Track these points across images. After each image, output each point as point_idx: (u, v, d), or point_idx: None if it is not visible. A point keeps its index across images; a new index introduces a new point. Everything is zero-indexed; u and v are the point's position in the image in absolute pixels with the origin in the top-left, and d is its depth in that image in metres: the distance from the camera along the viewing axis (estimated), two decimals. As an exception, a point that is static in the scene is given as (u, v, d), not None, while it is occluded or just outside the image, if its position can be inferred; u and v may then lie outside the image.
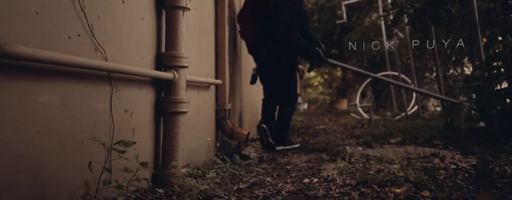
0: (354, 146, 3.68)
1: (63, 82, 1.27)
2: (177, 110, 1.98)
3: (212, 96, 3.14)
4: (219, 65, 3.27)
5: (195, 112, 2.66)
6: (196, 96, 2.68)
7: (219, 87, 3.26)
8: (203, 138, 2.81)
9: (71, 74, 1.30)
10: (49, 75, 1.21)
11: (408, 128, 4.54)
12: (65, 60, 1.19)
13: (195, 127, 2.65)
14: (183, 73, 2.03)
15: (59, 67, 1.23)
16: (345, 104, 15.03)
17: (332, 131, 5.43)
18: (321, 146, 3.73)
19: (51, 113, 1.21)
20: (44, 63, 1.14)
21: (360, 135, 4.48)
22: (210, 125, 3.06)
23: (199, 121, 2.75)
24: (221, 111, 3.26)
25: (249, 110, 4.85)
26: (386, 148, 3.52)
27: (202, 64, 2.84)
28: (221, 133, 3.32)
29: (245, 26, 3.63)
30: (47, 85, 1.20)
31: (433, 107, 6.60)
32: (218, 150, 3.33)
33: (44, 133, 1.18)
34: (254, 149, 3.92)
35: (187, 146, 2.47)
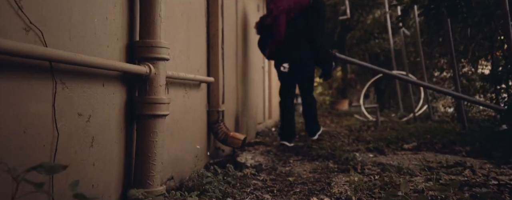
0: (364, 153, 3.28)
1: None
2: (154, 112, 1.58)
3: (203, 96, 2.74)
4: (212, 61, 2.87)
5: (182, 115, 2.26)
6: (182, 96, 2.28)
7: (211, 85, 2.86)
8: (191, 145, 2.41)
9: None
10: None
11: (421, 131, 4.14)
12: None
13: (182, 132, 2.25)
14: (162, 67, 1.63)
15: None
16: (346, 105, 14.63)
17: (336, 134, 5.03)
18: (327, 152, 3.33)
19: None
20: None
21: (369, 139, 4.08)
22: (200, 130, 2.66)
23: (187, 125, 2.35)
24: (214, 113, 2.86)
25: (246, 112, 4.45)
26: (400, 155, 3.12)
27: (190, 59, 2.44)
28: (214, 138, 2.92)
29: (279, 26, 3.85)
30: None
31: (443, 108, 6.21)
32: (210, 157, 2.93)
33: None
34: (251, 155, 3.53)
35: (171, 155, 2.07)
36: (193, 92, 2.50)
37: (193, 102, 2.50)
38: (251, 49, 4.94)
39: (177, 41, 2.18)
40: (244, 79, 4.41)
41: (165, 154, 2.00)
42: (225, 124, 2.94)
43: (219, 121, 2.87)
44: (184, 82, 2.30)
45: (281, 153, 3.62)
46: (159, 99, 1.59)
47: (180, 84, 2.23)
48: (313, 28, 3.78)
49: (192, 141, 2.44)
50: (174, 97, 2.14)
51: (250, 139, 4.60)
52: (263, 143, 4.33)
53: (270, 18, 3.92)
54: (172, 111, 2.10)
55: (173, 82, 2.11)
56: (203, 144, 2.71)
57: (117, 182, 1.49)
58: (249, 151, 3.82)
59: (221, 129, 2.86)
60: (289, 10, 3.83)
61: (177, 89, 2.18)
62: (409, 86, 6.04)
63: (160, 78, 1.61)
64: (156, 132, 1.58)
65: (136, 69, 1.48)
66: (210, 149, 2.90)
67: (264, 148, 3.99)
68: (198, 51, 2.63)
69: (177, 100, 2.18)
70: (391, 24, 7.04)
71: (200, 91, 2.68)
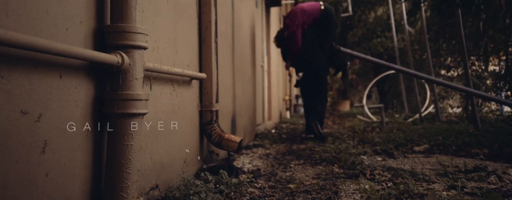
0: (372, 156, 3.02)
1: None
2: (129, 111, 1.31)
3: (194, 94, 2.48)
4: (204, 55, 2.60)
5: (169, 115, 2.00)
6: (169, 93, 2.02)
7: (204, 83, 2.60)
8: (180, 149, 2.15)
9: None
10: None
11: (431, 132, 3.88)
12: None
13: (168, 134, 1.99)
14: (139, 57, 1.36)
15: None
16: (347, 105, 14.37)
17: (339, 135, 4.76)
18: (331, 155, 3.07)
19: None
20: None
21: (376, 141, 3.81)
22: (191, 131, 2.39)
23: (175, 126, 2.08)
24: (207, 113, 2.60)
25: (244, 112, 4.19)
26: (411, 158, 2.85)
27: (179, 52, 2.17)
28: (207, 141, 2.65)
29: (297, 40, 4.33)
30: None
31: (450, 108, 5.94)
32: (203, 162, 2.66)
33: None
34: (249, 159, 3.26)
35: (156, 161, 1.81)
36: (182, 89, 2.23)
37: (183, 100, 2.24)
38: (249, 47, 4.68)
39: (162, 31, 1.92)
40: (242, 77, 4.15)
41: (148, 159, 1.73)
42: (220, 126, 2.68)
43: (213, 122, 2.60)
44: (171, 78, 2.04)
45: (282, 156, 3.36)
46: (135, 94, 1.33)
47: (166, 79, 1.97)
48: (326, 36, 4.34)
49: (181, 144, 2.17)
50: (159, 94, 1.87)
51: (249, 142, 4.34)
52: (262, 146, 4.07)
53: (288, 32, 4.42)
54: (156, 110, 1.84)
55: (157, 77, 1.85)
56: (194, 147, 2.44)
57: (81, 196, 1.22)
58: (247, 154, 3.56)
59: (215, 131, 2.60)
60: (303, 23, 4.32)
61: (163, 85, 1.92)
62: (415, 85, 5.78)
63: (136, 70, 1.34)
64: (131, 134, 1.32)
65: (104, 58, 1.21)
66: (202, 153, 2.64)
67: (263, 151, 3.73)
68: (188, 44, 2.37)
69: (162, 98, 1.91)
70: (394, 22, 6.79)
71: (191, 89, 2.42)
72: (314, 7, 4.39)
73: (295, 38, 4.33)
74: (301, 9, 4.39)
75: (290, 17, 4.40)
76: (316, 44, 4.37)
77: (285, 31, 4.47)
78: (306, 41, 4.34)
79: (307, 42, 4.34)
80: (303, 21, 4.32)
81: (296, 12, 4.40)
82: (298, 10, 4.41)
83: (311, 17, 4.33)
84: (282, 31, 4.59)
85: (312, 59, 4.37)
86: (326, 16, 4.33)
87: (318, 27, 4.39)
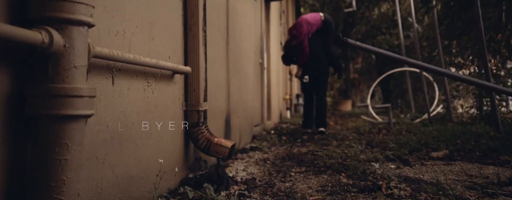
0: (384, 162, 2.63)
1: None
2: (63, 112, 0.93)
3: (177, 91, 2.10)
4: (190, 46, 2.22)
5: (141, 116, 1.62)
6: (142, 90, 1.64)
7: (189, 78, 2.21)
8: (157, 157, 1.77)
9: None
10: None
11: (446, 135, 3.49)
12: None
13: (140, 140, 1.61)
14: (79, 37, 0.98)
15: None
16: (349, 105, 13.98)
17: (343, 137, 4.38)
18: (337, 161, 2.68)
19: None
20: None
21: (385, 145, 3.43)
22: (172, 135, 2.01)
23: (150, 130, 1.70)
24: (193, 113, 2.21)
25: (240, 112, 3.81)
26: (430, 166, 2.47)
27: (156, 40, 1.79)
28: (194, 146, 2.27)
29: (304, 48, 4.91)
30: None
31: (460, 108, 5.55)
32: (189, 171, 2.28)
33: None
34: (244, 165, 2.88)
35: (120, 175, 1.43)
36: (161, 85, 1.85)
37: (162, 98, 1.86)
38: (247, 42, 4.30)
39: (131, 10, 1.54)
40: (238, 74, 3.77)
41: (108, 173, 1.35)
42: (208, 128, 2.29)
43: (200, 124, 2.22)
44: (145, 70, 1.66)
45: (281, 161, 2.98)
46: (72, 89, 0.95)
47: (137, 72, 1.59)
48: (327, 42, 4.99)
49: (158, 152, 1.79)
50: (126, 90, 1.49)
51: (245, 144, 3.96)
52: (260, 149, 3.69)
53: (296, 41, 4.92)
54: (121, 110, 1.46)
55: (123, 69, 1.46)
56: (176, 154, 2.06)
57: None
58: (242, 159, 3.18)
59: (202, 135, 2.21)
60: (309, 33, 4.90)
61: (131, 79, 1.54)
62: (423, 84, 5.40)
63: (74, 54, 0.96)
64: (65, 146, 0.94)
65: (20, 36, 0.83)
66: (188, 160, 2.26)
67: (260, 155, 3.35)
68: (170, 32, 1.98)
69: (131, 95, 1.53)
70: (400, 18, 6.39)
71: (173, 85, 2.03)
72: (316, 17, 4.99)
73: (303, 46, 4.90)
74: (306, 21, 4.93)
75: (296, 28, 4.92)
76: (319, 50, 4.99)
77: (293, 40, 4.98)
78: (311, 48, 4.96)
79: (312, 49, 4.96)
80: (308, 30, 4.88)
81: (301, 23, 4.92)
82: (303, 21, 4.93)
83: (314, 27, 4.92)
84: (290, 41, 5.10)
85: (316, 64, 4.99)
86: (326, 25, 4.98)
87: (320, 35, 5.02)
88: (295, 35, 4.91)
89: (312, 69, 5.02)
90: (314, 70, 5.02)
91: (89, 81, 1.24)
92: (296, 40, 4.93)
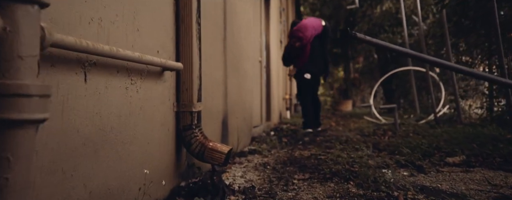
0: (395, 169, 2.41)
1: None
2: (4, 116, 0.71)
3: (167, 90, 1.87)
4: (182, 40, 1.99)
5: (122, 118, 1.39)
6: (124, 88, 1.41)
7: (182, 75, 1.99)
8: (142, 166, 1.54)
9: None
10: None
11: (459, 138, 3.27)
12: None
13: (121, 147, 1.38)
14: (28, 19, 0.75)
15: None
16: (349, 105, 13.76)
17: (347, 139, 4.16)
18: (344, 167, 2.46)
19: None
20: None
21: (393, 148, 3.21)
22: (162, 140, 1.78)
23: (133, 135, 1.48)
24: (185, 115, 1.99)
25: (238, 113, 3.58)
26: (447, 174, 2.25)
27: (142, 32, 1.57)
28: (186, 151, 2.04)
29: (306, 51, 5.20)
30: None
31: (468, 108, 5.33)
32: (181, 179, 2.06)
33: None
34: (242, 170, 2.66)
35: (95, 189, 1.20)
36: (148, 83, 1.62)
37: (149, 98, 1.63)
38: (246, 39, 4.08)
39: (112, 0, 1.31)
40: (236, 72, 3.54)
41: (79, 188, 1.13)
42: (203, 131, 2.07)
43: (193, 127, 1.99)
44: (127, 66, 1.43)
45: (282, 166, 2.76)
46: (16, 86, 0.72)
47: (117, 68, 1.36)
48: (325, 47, 5.37)
49: (144, 159, 1.57)
50: (103, 89, 1.27)
51: (244, 147, 3.73)
52: (259, 152, 3.47)
53: (300, 43, 5.13)
54: (97, 112, 1.23)
55: (100, 64, 1.24)
56: (166, 161, 1.83)
57: None
58: (240, 163, 2.95)
59: (195, 138, 1.99)
60: (311, 37, 5.15)
61: (111, 76, 1.31)
62: (430, 84, 5.17)
63: (20, 41, 0.73)
64: (6, 160, 0.71)
65: None
66: (179, 167, 2.03)
67: (259, 159, 3.13)
68: (159, 23, 1.76)
69: (110, 95, 1.31)
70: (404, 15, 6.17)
71: (163, 83, 1.81)
72: (318, 23, 5.27)
73: (306, 49, 5.19)
74: (311, 25, 5.18)
75: (301, 30, 5.12)
76: (318, 53, 5.29)
77: (297, 42, 5.16)
78: (313, 51, 5.25)
79: (313, 51, 5.26)
80: (312, 35, 5.16)
81: (307, 27, 5.14)
82: (308, 25, 5.17)
83: (315, 32, 5.21)
84: (294, 42, 5.22)
85: (315, 65, 5.29)
86: (325, 32, 5.30)
87: (319, 40, 5.30)
88: (301, 37, 5.12)
89: (310, 69, 5.28)
90: (312, 70, 5.29)
91: (53, 77, 1.01)
92: (301, 42, 5.14)
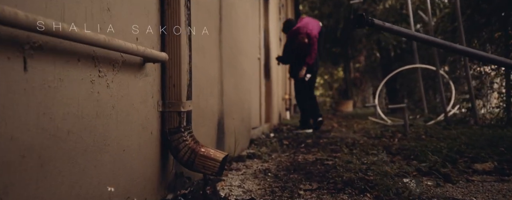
0: (416, 176, 2.10)
1: None
2: None
3: (150, 87, 1.55)
4: (169, 27, 1.68)
5: (84, 121, 1.07)
6: (88, 81, 1.10)
7: (168, 69, 1.67)
8: (112, 180, 1.22)
9: None
10: None
11: (480, 140, 2.95)
12: None
13: (83, 157, 1.06)
14: None
15: None
16: (350, 106, 13.45)
17: (354, 142, 3.85)
18: (356, 175, 2.14)
19: None
20: None
21: (408, 151, 2.89)
22: (142, 146, 1.46)
23: (103, 140, 1.16)
24: (173, 116, 1.67)
25: (236, 113, 3.27)
26: (480, 184, 1.93)
27: (114, 13, 1.25)
28: (174, 158, 1.72)
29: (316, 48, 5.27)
30: None
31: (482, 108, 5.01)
32: (167, 190, 1.74)
33: None
34: (240, 178, 2.35)
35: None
36: (123, 77, 1.31)
37: (124, 95, 1.31)
38: (244, 34, 3.77)
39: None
40: (234, 69, 3.23)
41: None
42: (193, 135, 1.75)
43: (182, 130, 1.68)
44: (94, 54, 1.12)
45: (285, 174, 2.44)
46: None
47: (78, 55, 1.04)
48: (321, 46, 5.58)
49: (117, 170, 1.25)
50: (56, 81, 0.95)
51: (241, 150, 3.42)
52: (259, 156, 3.15)
53: (309, 40, 5.20)
54: (44, 113, 0.91)
55: (48, 47, 0.92)
56: (147, 171, 1.52)
57: None
58: (238, 170, 2.64)
59: (184, 143, 1.67)
60: (317, 34, 5.29)
61: (68, 65, 0.99)
62: (441, 82, 4.87)
63: None
64: None
65: None
66: (166, 177, 1.71)
67: (259, 165, 2.81)
68: (137, 4, 1.44)
69: (66, 90, 0.99)
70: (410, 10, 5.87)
71: (144, 77, 1.49)
72: (317, 23, 5.45)
73: (315, 46, 5.25)
74: (311, 24, 5.31)
75: (309, 29, 5.20)
76: (317, 52, 5.39)
77: (306, 38, 5.20)
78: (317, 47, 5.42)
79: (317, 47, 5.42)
80: (317, 32, 5.30)
81: (314, 25, 5.30)
82: (315, 23, 5.37)
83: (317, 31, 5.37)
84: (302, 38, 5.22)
85: (316, 63, 5.48)
86: (321, 33, 5.47)
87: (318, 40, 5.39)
88: (309, 33, 5.18)
89: (311, 69, 5.38)
90: (313, 70, 5.42)
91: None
92: (310, 38, 5.18)
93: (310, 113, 5.47)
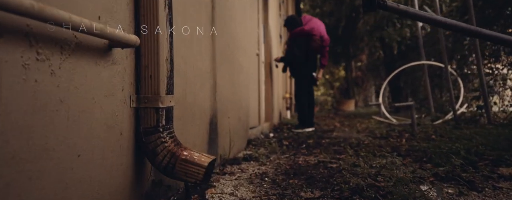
0: (434, 182, 1.82)
1: None
2: None
3: (120, 77, 1.28)
4: (143, 6, 1.40)
5: (10, 119, 0.80)
6: (20, 66, 0.82)
7: (143, 56, 1.40)
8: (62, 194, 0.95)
9: None
10: None
11: (499, 141, 2.68)
12: None
13: (16, 168, 0.79)
14: None
15: None
16: (352, 105, 13.17)
17: (359, 142, 3.58)
18: (365, 182, 1.87)
19: None
20: None
21: (419, 153, 2.62)
22: (107, 149, 1.19)
23: (43, 144, 0.89)
24: (149, 113, 1.40)
25: (231, 112, 3.00)
26: (508, 192, 1.66)
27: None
28: (151, 164, 1.45)
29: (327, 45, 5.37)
30: None
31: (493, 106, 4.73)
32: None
33: None
34: (233, 184, 2.08)
35: None
36: (77, 63, 1.03)
37: (78, 86, 1.04)
38: (242, 27, 3.49)
39: None
40: (229, 64, 2.96)
41: None
42: (175, 135, 1.48)
43: (160, 130, 1.40)
44: (28, 29, 0.84)
45: (284, 178, 2.17)
46: None
47: (3, 29, 0.77)
48: None
49: (67, 183, 0.98)
50: None
51: (238, 152, 3.15)
52: (256, 159, 2.88)
53: (321, 42, 5.24)
54: None
55: None
56: (116, 181, 1.24)
57: None
58: (232, 174, 2.37)
59: (163, 146, 1.40)
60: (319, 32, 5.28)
61: None
62: (449, 80, 4.59)
63: None
64: None
65: None
66: (141, 186, 1.44)
67: (256, 168, 2.54)
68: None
69: None
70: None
71: (111, 66, 1.22)
72: (323, 24, 5.46)
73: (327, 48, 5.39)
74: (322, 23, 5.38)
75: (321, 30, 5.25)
76: None
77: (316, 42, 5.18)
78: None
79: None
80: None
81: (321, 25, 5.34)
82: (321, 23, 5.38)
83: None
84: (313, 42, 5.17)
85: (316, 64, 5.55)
86: None
87: None
88: (323, 37, 5.24)
89: (313, 68, 5.45)
90: (314, 69, 5.46)
91: None
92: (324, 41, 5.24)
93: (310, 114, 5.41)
